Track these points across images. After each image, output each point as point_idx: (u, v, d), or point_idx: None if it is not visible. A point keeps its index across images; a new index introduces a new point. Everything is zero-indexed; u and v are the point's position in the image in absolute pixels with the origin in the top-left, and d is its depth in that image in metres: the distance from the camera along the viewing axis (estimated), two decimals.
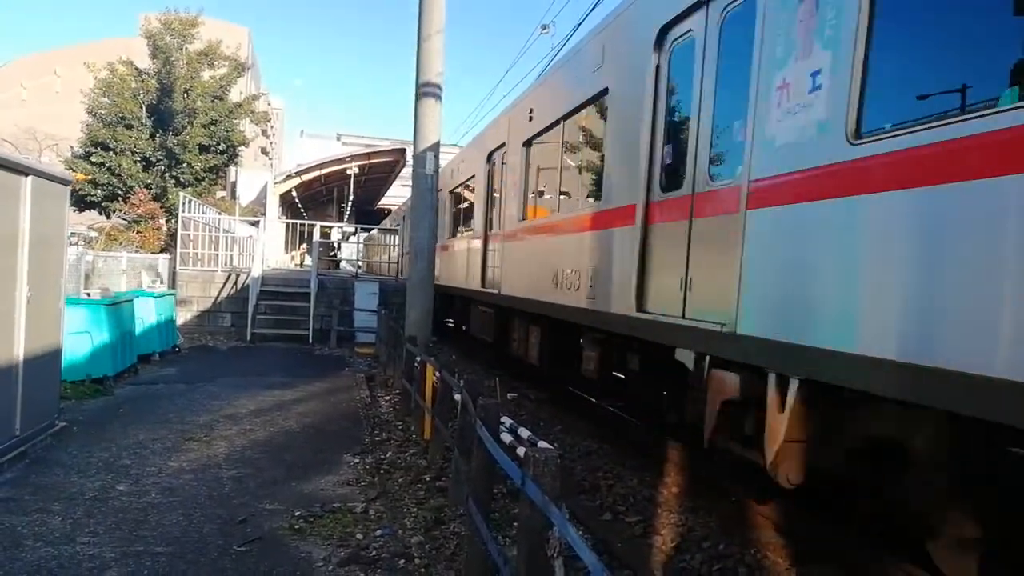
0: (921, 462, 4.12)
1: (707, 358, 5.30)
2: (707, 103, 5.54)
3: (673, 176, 6.00)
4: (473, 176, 13.60)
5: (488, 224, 12.29)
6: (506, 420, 5.07)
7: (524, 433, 4.76)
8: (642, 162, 6.34)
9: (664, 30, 6.11)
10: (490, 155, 12.34)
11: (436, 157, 11.14)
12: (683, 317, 5.60)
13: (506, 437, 4.75)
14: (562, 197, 9.06)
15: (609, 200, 7.12)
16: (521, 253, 10.24)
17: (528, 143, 10.11)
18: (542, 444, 4.00)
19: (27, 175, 6.64)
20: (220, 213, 23.81)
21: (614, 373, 8.02)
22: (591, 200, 7.90)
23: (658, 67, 6.26)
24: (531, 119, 9.95)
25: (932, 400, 3.43)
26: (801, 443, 4.44)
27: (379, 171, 35.85)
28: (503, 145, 11.46)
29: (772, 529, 5.69)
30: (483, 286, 12.23)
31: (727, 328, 4.89)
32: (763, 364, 4.62)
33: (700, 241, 5.51)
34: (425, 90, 10.91)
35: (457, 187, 15.63)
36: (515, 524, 5.33)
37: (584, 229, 7.76)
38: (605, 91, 7.37)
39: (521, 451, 4.09)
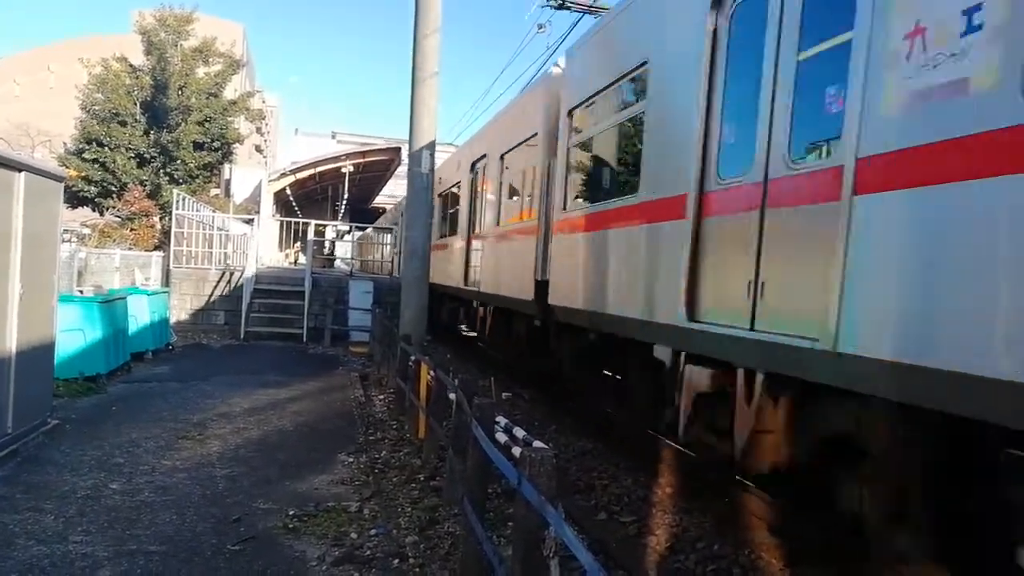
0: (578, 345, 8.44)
1: (479, 302, 12.65)
2: (481, 200, 12.63)
3: (480, 222, 12.85)
4: None
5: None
6: (501, 420, 5.07)
7: (519, 433, 4.75)
8: (467, 215, 13.60)
9: (472, 164, 13.32)
10: None
11: (432, 156, 11.13)
12: (467, 285, 13.04)
13: (501, 437, 4.74)
14: (451, 226, 15.45)
15: (461, 232, 13.88)
16: (439, 258, 15.15)
17: (441, 195, 16.34)
18: (537, 444, 3.99)
19: (20, 171, 6.60)
20: (214, 211, 23.75)
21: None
22: (457, 230, 14.50)
23: (471, 178, 13.54)
24: (440, 181, 15.65)
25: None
26: (491, 328, 12.11)
27: (374, 169, 35.80)
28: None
29: (766, 530, 5.70)
30: None
31: (479, 289, 11.98)
32: (483, 302, 12.33)
33: (481, 250, 12.42)
34: (421, 89, 10.90)
35: None
36: (510, 524, 5.33)
37: (455, 245, 14.49)
38: (459, 183, 14.52)
39: (517, 451, 4.09)
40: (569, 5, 14.84)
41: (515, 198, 10.94)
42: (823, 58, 4.28)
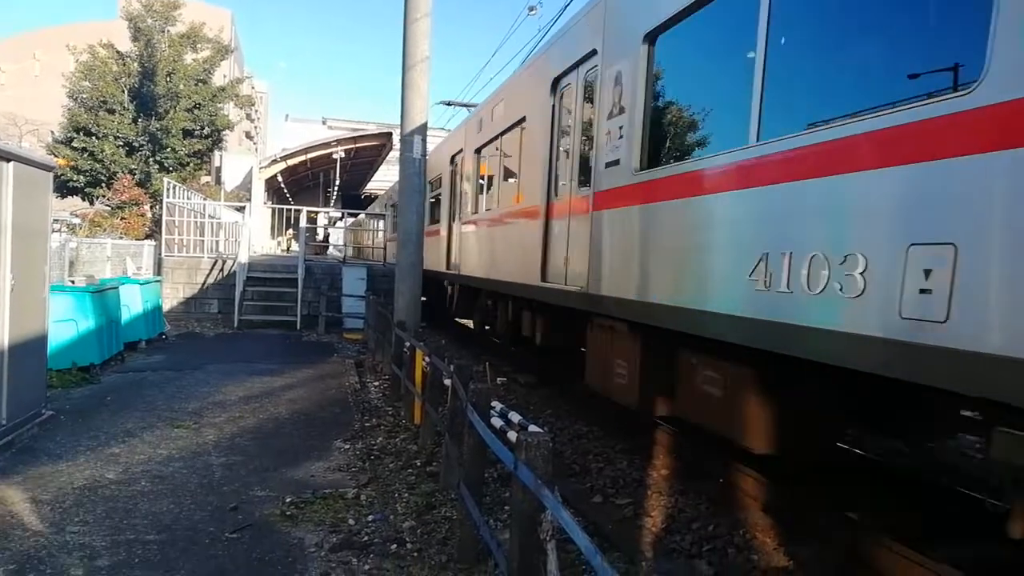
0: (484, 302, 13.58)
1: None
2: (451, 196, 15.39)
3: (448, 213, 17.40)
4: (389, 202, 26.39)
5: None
6: (497, 404, 5.08)
7: (515, 417, 4.77)
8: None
9: (452, 158, 15.24)
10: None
11: (423, 141, 11.06)
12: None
13: (497, 422, 4.76)
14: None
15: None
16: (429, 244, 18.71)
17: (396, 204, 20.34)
18: (533, 428, 4.01)
19: (8, 161, 6.54)
20: (205, 199, 23.61)
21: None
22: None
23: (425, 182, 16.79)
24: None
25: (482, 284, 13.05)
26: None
27: (366, 155, 35.60)
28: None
29: (760, 509, 5.75)
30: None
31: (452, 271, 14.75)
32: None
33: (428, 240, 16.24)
34: (412, 73, 10.81)
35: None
36: (506, 508, 5.36)
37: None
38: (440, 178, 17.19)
39: (512, 435, 4.11)
40: (452, 103, 22.19)
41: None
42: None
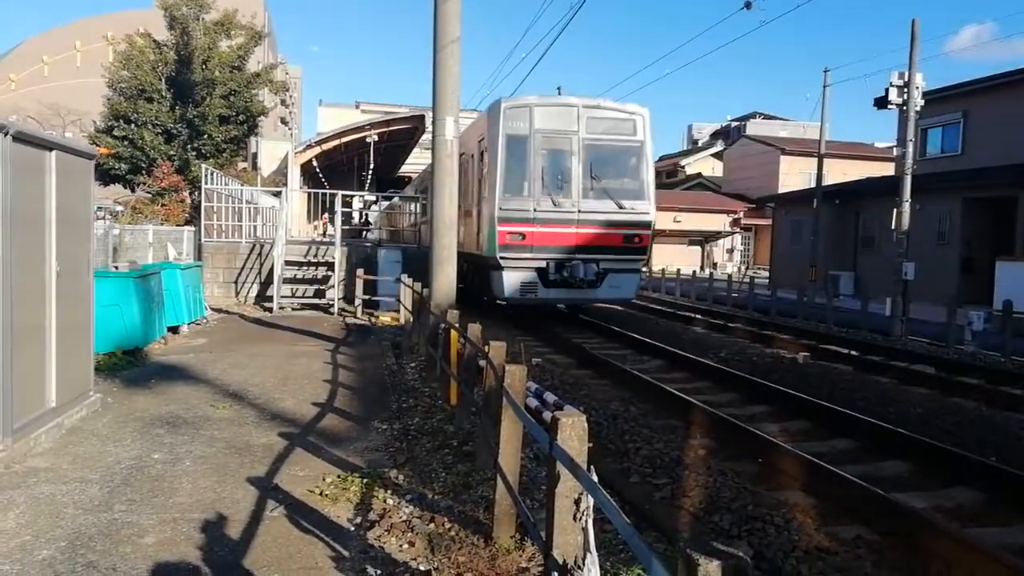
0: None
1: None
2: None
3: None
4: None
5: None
6: (532, 385, 5.08)
7: (550, 398, 4.77)
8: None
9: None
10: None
11: (456, 123, 11.03)
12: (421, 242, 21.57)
13: (532, 402, 4.75)
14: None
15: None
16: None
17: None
18: (568, 408, 3.99)
19: (51, 150, 6.68)
20: (242, 184, 23.93)
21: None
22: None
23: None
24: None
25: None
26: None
27: (399, 138, 35.64)
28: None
29: (800, 490, 5.68)
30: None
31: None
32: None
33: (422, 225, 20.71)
34: (442, 55, 10.78)
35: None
36: (542, 488, 5.37)
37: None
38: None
39: (547, 415, 4.09)
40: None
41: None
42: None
